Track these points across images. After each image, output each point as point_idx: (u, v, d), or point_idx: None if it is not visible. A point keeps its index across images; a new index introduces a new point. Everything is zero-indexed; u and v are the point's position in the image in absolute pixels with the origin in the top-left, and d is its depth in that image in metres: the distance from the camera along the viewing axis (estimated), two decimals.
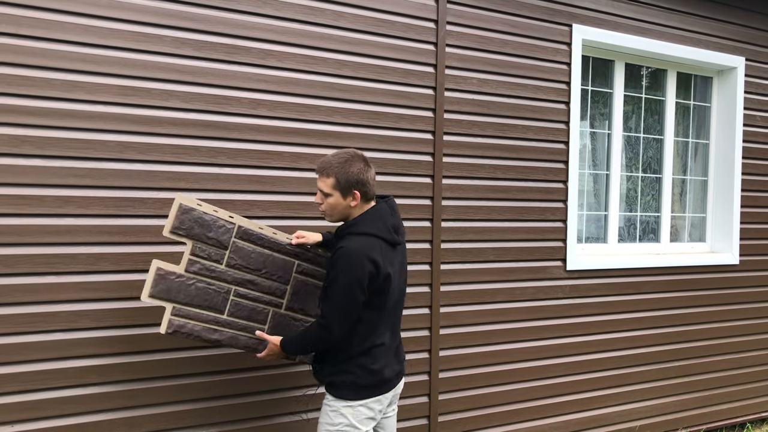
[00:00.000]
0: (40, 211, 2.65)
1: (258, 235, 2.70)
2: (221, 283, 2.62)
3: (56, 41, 2.66)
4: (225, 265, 2.63)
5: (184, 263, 2.54)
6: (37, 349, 2.67)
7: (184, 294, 2.54)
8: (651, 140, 4.58)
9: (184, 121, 2.91)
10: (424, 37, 3.47)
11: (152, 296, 2.48)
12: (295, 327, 2.81)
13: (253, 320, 2.70)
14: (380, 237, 2.44)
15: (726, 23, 4.54)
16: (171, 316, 2.51)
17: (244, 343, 2.69)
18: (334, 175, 2.42)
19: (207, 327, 2.60)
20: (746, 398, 4.79)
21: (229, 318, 2.65)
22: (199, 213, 2.56)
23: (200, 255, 2.57)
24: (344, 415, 2.47)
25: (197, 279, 2.57)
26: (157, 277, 2.48)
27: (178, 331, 2.53)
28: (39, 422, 2.68)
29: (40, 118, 2.63)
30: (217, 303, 2.62)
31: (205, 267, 2.58)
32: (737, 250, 4.65)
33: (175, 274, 2.52)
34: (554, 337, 3.97)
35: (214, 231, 2.60)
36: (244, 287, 2.68)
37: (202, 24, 2.92)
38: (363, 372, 2.48)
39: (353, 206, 2.47)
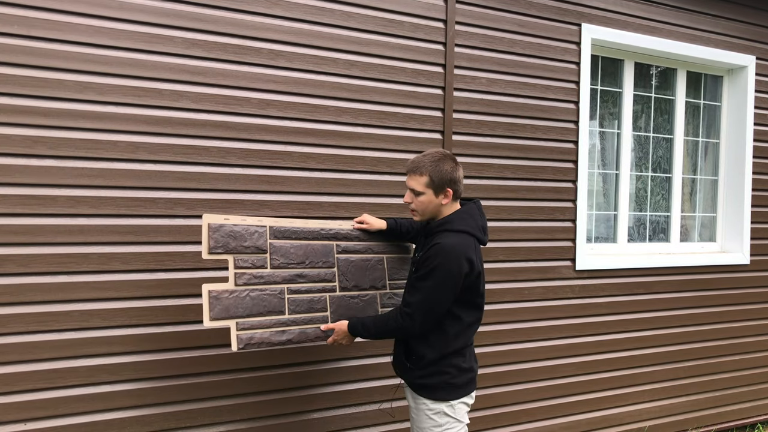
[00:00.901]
0: (52, 211, 2.67)
1: (291, 229, 2.73)
2: (273, 285, 2.64)
3: (68, 43, 2.68)
4: (270, 267, 2.65)
5: (232, 278, 2.55)
6: (49, 348, 2.69)
7: (242, 308, 2.54)
8: (661, 139, 4.57)
9: (194, 122, 2.92)
10: (433, 37, 3.48)
11: (213, 319, 2.48)
12: (355, 305, 2.84)
13: (314, 311, 2.72)
14: (474, 235, 2.48)
15: (736, 22, 4.52)
16: (237, 332, 2.51)
17: (315, 335, 2.71)
18: (428, 174, 2.44)
19: (274, 331, 2.61)
20: (757, 399, 4.76)
21: (292, 315, 2.66)
22: (229, 227, 2.58)
23: (244, 266, 2.58)
24: (447, 414, 2.48)
25: (249, 289, 2.58)
26: (212, 300, 2.49)
27: (249, 344, 2.53)
28: (50, 420, 2.70)
29: (52, 119, 2.66)
30: (276, 305, 2.63)
31: (252, 276, 2.60)
32: (748, 249, 4.63)
33: (228, 291, 2.53)
34: (564, 337, 3.97)
35: (249, 239, 2.62)
36: (295, 282, 2.70)
37: (212, 25, 2.94)
38: (457, 371, 2.49)
39: (444, 204, 2.48)
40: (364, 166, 3.32)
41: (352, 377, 3.34)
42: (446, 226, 2.46)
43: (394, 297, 2.96)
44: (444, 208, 2.50)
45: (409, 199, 2.53)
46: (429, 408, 2.49)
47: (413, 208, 2.54)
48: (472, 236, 2.46)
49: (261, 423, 3.11)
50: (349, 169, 3.28)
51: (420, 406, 2.51)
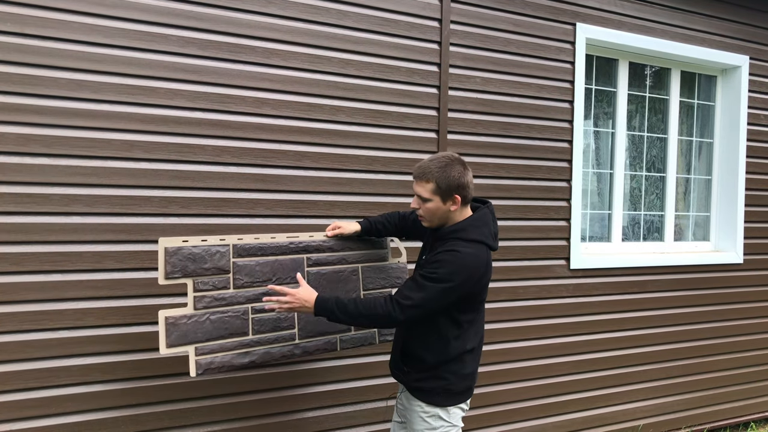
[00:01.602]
0: (46, 209, 2.66)
1: (256, 246, 2.61)
2: (235, 306, 2.54)
3: (62, 40, 2.67)
4: (233, 287, 2.54)
5: (191, 302, 2.45)
6: (43, 346, 2.68)
7: (201, 332, 2.45)
8: (655, 139, 4.58)
9: (189, 120, 2.92)
10: (428, 36, 3.48)
11: (170, 346, 2.38)
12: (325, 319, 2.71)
13: (280, 329, 2.63)
14: (487, 244, 2.40)
15: (730, 22, 4.54)
16: (196, 357, 2.43)
17: (280, 354, 2.63)
18: (435, 180, 2.34)
19: (236, 354, 2.52)
20: (750, 397, 4.78)
21: (256, 336, 2.57)
22: (187, 249, 2.45)
23: (204, 288, 2.47)
24: (441, 417, 2.44)
25: (209, 312, 2.48)
26: (169, 327, 2.38)
27: (209, 369, 2.45)
28: (43, 420, 2.69)
29: (46, 117, 2.65)
30: (238, 327, 2.53)
31: (213, 298, 2.49)
32: (741, 248, 4.65)
33: (186, 316, 2.42)
34: (558, 336, 3.98)
35: (210, 260, 2.50)
36: (260, 301, 2.59)
37: (207, 23, 2.93)
38: (455, 378, 2.44)
39: (453, 210, 2.38)
40: (359, 164, 3.32)
41: (346, 376, 3.34)
42: (460, 234, 2.37)
43: None
44: (454, 214, 2.40)
45: (416, 205, 2.43)
46: (423, 410, 2.45)
47: (421, 215, 2.44)
48: (485, 245, 2.39)
49: (254, 422, 3.11)
50: (344, 168, 3.28)
51: (414, 407, 2.47)
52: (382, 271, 2.94)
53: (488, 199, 2.57)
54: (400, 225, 2.83)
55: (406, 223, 2.81)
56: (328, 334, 2.75)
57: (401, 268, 2.99)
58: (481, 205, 2.51)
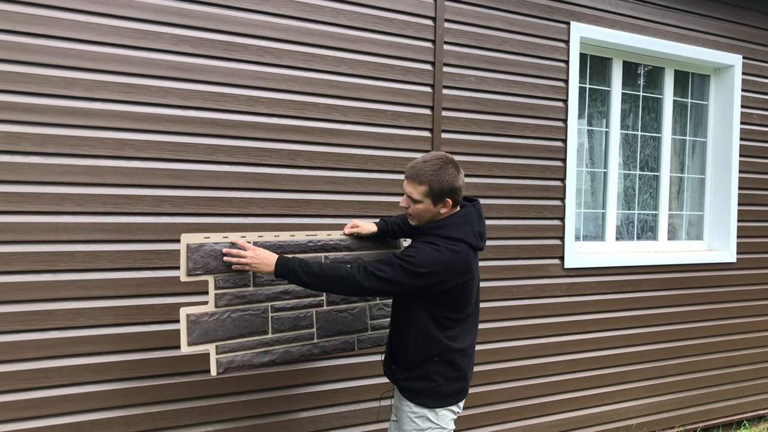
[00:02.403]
0: (37, 208, 2.64)
1: (276, 244, 2.59)
2: (256, 304, 2.53)
3: (54, 38, 2.64)
4: (253, 285, 2.52)
5: (212, 300, 2.43)
6: (33, 347, 2.66)
7: (222, 330, 2.43)
8: (648, 138, 4.58)
9: (182, 119, 2.90)
10: (422, 34, 3.46)
11: (192, 344, 2.36)
12: (343, 319, 2.75)
13: (299, 328, 2.62)
14: (468, 243, 2.38)
15: (723, 21, 4.55)
16: (217, 356, 2.41)
17: (300, 353, 2.62)
18: (427, 183, 2.31)
19: (256, 352, 2.51)
20: (743, 396, 4.79)
21: (275, 335, 2.56)
22: (209, 246, 2.42)
23: (225, 286, 2.45)
24: (429, 419, 2.42)
25: (231, 310, 2.46)
26: (191, 324, 2.36)
27: (230, 368, 2.43)
28: (35, 421, 2.67)
29: (37, 115, 2.62)
30: (259, 325, 2.52)
31: (234, 295, 2.48)
32: (734, 248, 4.66)
33: (207, 314, 2.40)
34: (552, 335, 3.97)
35: None
36: (280, 300, 2.58)
37: (201, 21, 2.91)
38: (444, 380, 2.42)
39: (443, 212, 2.38)
40: (353, 163, 3.30)
41: (340, 376, 3.32)
42: (439, 231, 2.36)
43: (383, 308, 2.87)
44: (442, 214, 2.39)
45: (405, 204, 2.42)
46: (412, 411, 2.43)
47: (410, 214, 2.44)
48: (465, 243, 2.36)
49: (249, 422, 3.09)
50: (338, 167, 3.26)
51: (403, 407, 2.46)
52: None
53: (478, 198, 2.55)
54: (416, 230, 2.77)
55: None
56: (346, 334, 2.76)
57: None
58: (468, 203, 2.49)
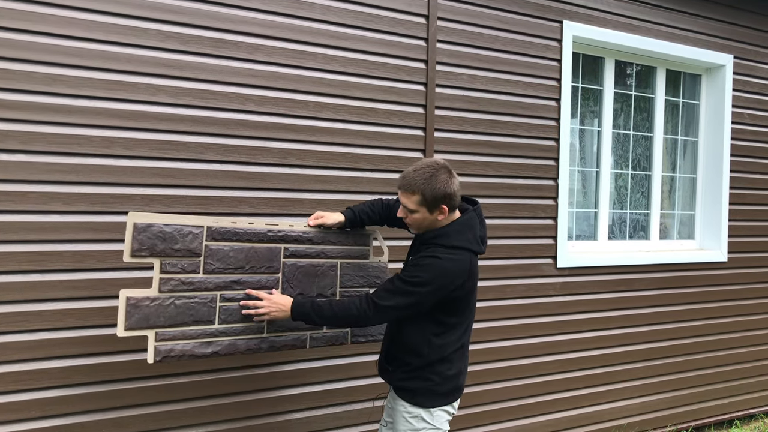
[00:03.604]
0: (24, 207, 2.59)
1: (233, 230, 2.49)
2: (203, 292, 2.42)
3: (37, 33, 2.60)
4: (203, 272, 2.42)
5: (156, 284, 2.33)
6: (21, 348, 2.61)
7: (163, 317, 2.33)
8: (640, 137, 4.58)
9: (171, 116, 2.86)
10: (415, 32, 3.44)
11: (129, 329, 2.26)
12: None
13: (248, 320, 2.52)
14: (470, 250, 2.36)
15: (714, 21, 4.55)
16: (156, 342, 2.32)
17: (246, 347, 2.53)
18: (420, 193, 2.29)
19: (199, 342, 2.41)
20: (734, 395, 4.80)
21: (222, 326, 2.46)
22: (158, 227, 2.33)
23: (172, 271, 2.36)
24: (425, 420, 2.41)
25: (175, 296, 2.36)
26: (130, 308, 2.27)
27: (168, 356, 2.35)
28: (23, 424, 2.62)
29: (22, 113, 2.58)
30: (204, 314, 2.42)
31: (180, 281, 2.38)
32: (726, 247, 4.66)
33: (149, 298, 2.31)
34: (545, 335, 3.96)
35: (181, 241, 2.38)
36: (231, 290, 2.49)
37: (189, 17, 2.87)
38: (440, 379, 2.41)
39: (440, 219, 2.35)
40: (345, 162, 3.27)
41: (334, 377, 3.29)
42: (442, 240, 2.34)
43: None
44: (441, 221, 2.37)
45: (402, 215, 2.40)
46: (407, 410, 2.41)
47: (408, 223, 2.42)
48: (468, 251, 2.35)
49: (242, 423, 3.06)
50: (330, 165, 3.24)
51: (398, 407, 2.44)
52: (361, 269, 2.84)
53: (476, 199, 2.54)
54: (385, 213, 2.75)
55: (391, 212, 2.74)
56: (299, 331, 2.65)
57: (381, 267, 2.89)
58: (470, 206, 2.47)
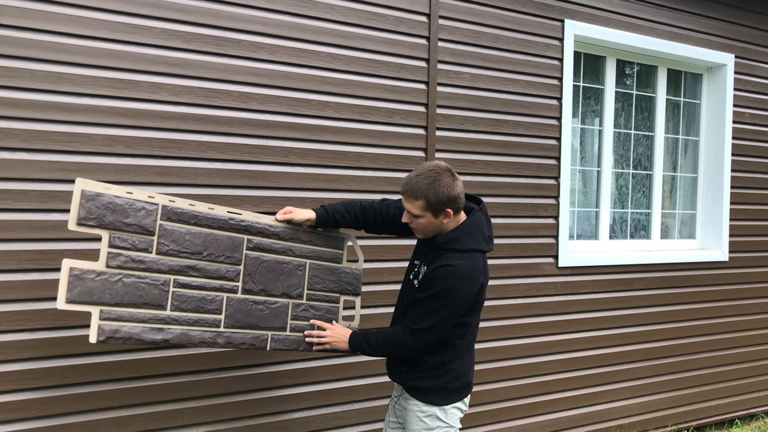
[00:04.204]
0: (25, 206, 2.58)
1: (190, 213, 2.38)
2: (155, 274, 2.30)
3: (41, 32, 2.58)
4: (156, 253, 2.30)
5: (104, 258, 2.21)
6: (21, 347, 2.60)
7: (109, 293, 2.21)
8: (641, 137, 4.58)
9: (174, 115, 2.85)
10: (417, 31, 3.43)
11: (70, 301, 2.14)
12: (258, 312, 2.52)
13: (203, 311, 2.40)
14: (481, 250, 2.36)
15: (716, 20, 4.55)
16: (100, 321, 2.19)
17: (200, 339, 2.39)
18: (424, 198, 2.25)
19: (148, 327, 2.28)
20: (735, 395, 4.80)
21: (174, 313, 2.33)
22: (108, 197, 2.21)
23: (121, 246, 2.23)
24: (439, 418, 2.41)
25: (124, 274, 2.24)
26: (73, 279, 2.14)
27: (112, 337, 2.21)
28: (23, 423, 2.61)
29: (24, 111, 2.56)
30: (155, 297, 2.29)
31: (130, 259, 2.25)
32: (727, 246, 4.66)
33: (95, 272, 2.19)
34: (546, 334, 3.96)
35: (133, 216, 2.26)
36: (185, 275, 2.36)
37: (192, 15, 2.86)
38: (452, 376, 2.41)
39: (446, 222, 2.32)
40: (347, 161, 3.26)
41: (334, 376, 3.28)
42: (454, 245, 2.32)
43: (309, 310, 2.64)
44: (447, 225, 2.34)
45: (407, 220, 2.37)
46: (420, 410, 2.40)
47: (414, 228, 2.38)
48: (479, 252, 2.35)
49: (241, 423, 3.05)
50: (332, 164, 3.23)
51: (411, 407, 2.43)
52: (333, 273, 2.72)
53: (482, 199, 2.52)
54: (364, 217, 2.64)
55: (373, 215, 2.64)
56: (259, 329, 2.53)
57: (355, 274, 2.77)
58: (475, 206, 2.46)
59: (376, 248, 3.30)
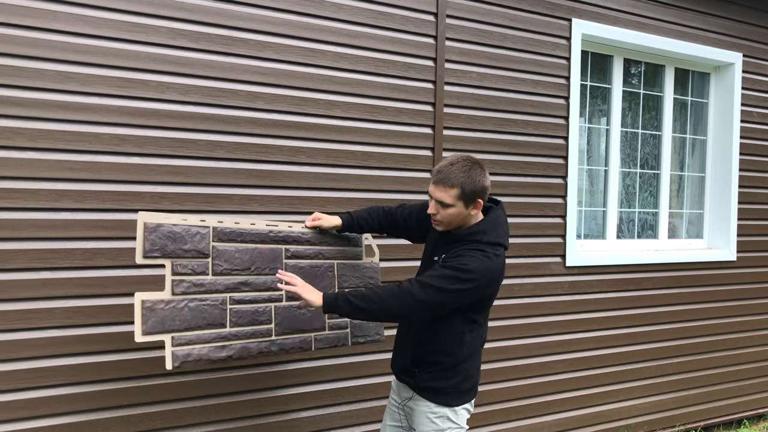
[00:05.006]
0: (34, 205, 2.59)
1: (237, 231, 2.49)
2: (214, 294, 2.41)
3: (48, 31, 2.59)
4: (212, 274, 2.41)
5: (169, 286, 2.31)
6: (32, 346, 2.61)
7: (179, 320, 2.31)
8: (648, 136, 4.56)
9: (181, 114, 2.85)
10: (424, 30, 3.43)
11: (147, 333, 2.23)
12: (301, 315, 2.63)
13: (257, 323, 2.51)
14: (504, 246, 2.37)
15: (724, 19, 4.53)
16: (173, 348, 2.29)
17: (258, 350, 2.51)
18: (459, 186, 2.25)
19: (214, 347, 2.39)
20: (743, 395, 4.78)
21: (234, 329, 2.45)
22: (167, 227, 2.31)
23: (183, 272, 2.34)
24: (450, 419, 2.40)
25: (188, 299, 2.34)
26: (146, 312, 2.24)
27: (186, 361, 2.32)
28: (33, 421, 2.62)
29: (32, 110, 2.57)
30: (217, 317, 2.41)
31: (192, 283, 2.36)
32: (734, 246, 4.64)
33: (164, 301, 2.29)
34: (554, 334, 3.95)
35: (190, 242, 2.36)
36: (239, 291, 2.48)
37: (198, 15, 2.87)
38: (463, 377, 2.41)
39: (473, 214, 2.33)
40: (354, 160, 3.26)
41: (342, 375, 3.28)
42: (481, 237, 2.30)
43: None
44: (472, 217, 2.35)
45: (434, 210, 2.32)
46: (431, 411, 2.39)
47: (438, 220, 2.35)
48: (503, 247, 2.36)
49: (249, 422, 3.05)
50: (339, 163, 3.23)
51: (421, 408, 2.41)
52: (356, 269, 2.83)
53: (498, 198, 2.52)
54: (384, 222, 2.72)
55: (391, 219, 2.71)
56: (304, 332, 2.64)
57: (374, 268, 2.88)
58: (494, 205, 2.46)
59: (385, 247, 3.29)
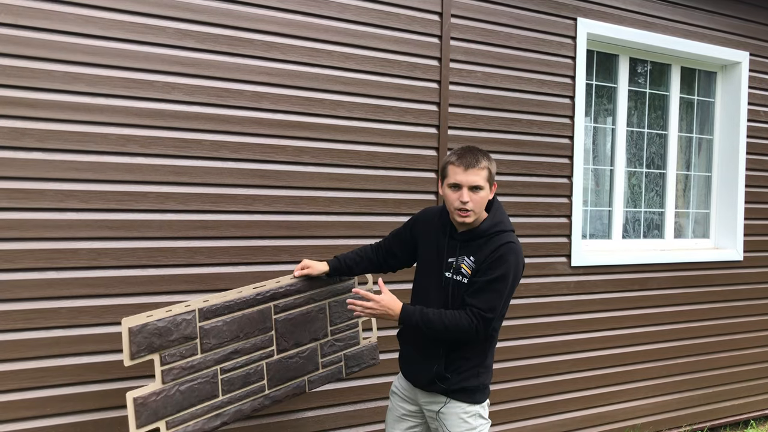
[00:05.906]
0: (40, 205, 2.60)
1: (223, 305, 2.49)
2: (204, 371, 2.42)
3: (56, 32, 2.60)
4: (201, 352, 2.42)
5: (159, 376, 2.32)
6: (37, 345, 2.62)
7: (171, 406, 2.32)
8: (654, 135, 4.55)
9: (187, 114, 2.86)
10: (429, 30, 3.43)
11: (141, 427, 2.24)
12: (294, 364, 2.67)
13: (249, 384, 2.55)
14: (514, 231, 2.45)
15: (730, 18, 4.51)
16: (167, 431, 2.31)
17: (251, 409, 2.55)
18: (487, 167, 2.32)
19: (207, 418, 2.42)
20: (750, 395, 4.76)
21: (226, 396, 2.48)
22: (152, 326, 2.30)
23: (171, 361, 2.34)
24: (482, 416, 2.45)
25: (179, 383, 2.35)
26: (138, 408, 2.24)
27: None
28: (38, 421, 2.63)
29: (40, 111, 2.58)
30: (208, 392, 2.43)
31: (182, 368, 2.36)
32: (741, 246, 4.62)
33: (155, 393, 2.29)
34: (559, 334, 3.94)
35: (176, 331, 2.36)
36: (229, 360, 2.50)
37: (205, 15, 2.87)
38: (487, 372, 2.46)
39: (490, 198, 2.37)
40: (359, 160, 3.27)
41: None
42: (502, 227, 2.36)
43: (334, 344, 2.81)
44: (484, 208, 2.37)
45: (467, 198, 2.28)
46: (465, 411, 2.39)
47: (470, 209, 2.30)
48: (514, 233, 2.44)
49: (254, 422, 3.06)
50: (344, 163, 3.23)
51: (454, 410, 2.40)
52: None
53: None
54: (376, 259, 2.69)
55: (380, 254, 2.69)
56: (297, 378, 2.70)
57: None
58: None
59: None
